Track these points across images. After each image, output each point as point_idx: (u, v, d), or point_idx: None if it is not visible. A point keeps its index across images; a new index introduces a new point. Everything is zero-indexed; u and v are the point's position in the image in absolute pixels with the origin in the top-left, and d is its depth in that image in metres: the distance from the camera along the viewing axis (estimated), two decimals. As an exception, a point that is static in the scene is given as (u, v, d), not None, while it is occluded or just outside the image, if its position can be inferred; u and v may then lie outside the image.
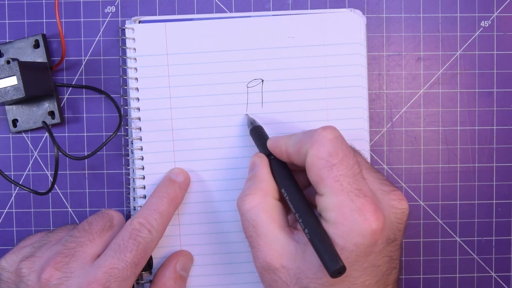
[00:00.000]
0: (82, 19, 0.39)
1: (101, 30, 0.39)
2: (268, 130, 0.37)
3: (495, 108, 0.40)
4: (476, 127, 0.40)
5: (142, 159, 0.38)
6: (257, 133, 0.35)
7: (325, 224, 0.29)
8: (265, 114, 0.38)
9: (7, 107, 0.39)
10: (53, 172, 0.37)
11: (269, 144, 0.33)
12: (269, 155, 0.34)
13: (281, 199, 0.32)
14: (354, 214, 0.28)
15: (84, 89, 0.39)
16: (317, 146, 0.29)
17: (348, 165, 0.29)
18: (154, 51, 0.38)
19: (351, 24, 0.38)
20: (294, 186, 0.31)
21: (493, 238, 0.40)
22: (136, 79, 0.38)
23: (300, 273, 0.29)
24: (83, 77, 0.39)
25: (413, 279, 0.40)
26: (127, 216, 0.39)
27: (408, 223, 0.32)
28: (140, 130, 0.38)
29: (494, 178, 0.40)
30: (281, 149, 0.32)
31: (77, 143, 0.39)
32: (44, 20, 0.39)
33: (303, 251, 0.29)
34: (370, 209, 0.28)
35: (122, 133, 0.39)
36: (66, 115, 0.39)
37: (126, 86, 0.38)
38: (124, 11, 0.39)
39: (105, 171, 0.39)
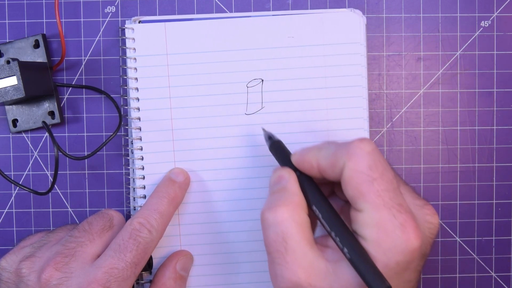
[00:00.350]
0: (82, 19, 0.39)
1: (101, 30, 0.39)
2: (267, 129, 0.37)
3: (495, 108, 0.40)
4: (476, 127, 0.40)
5: (142, 159, 0.38)
6: (279, 148, 0.34)
7: (363, 242, 0.27)
8: (265, 114, 0.38)
9: (7, 107, 0.39)
10: (53, 172, 0.37)
11: (294, 159, 0.31)
12: (294, 170, 0.32)
13: (310, 215, 0.30)
14: (396, 231, 0.26)
15: (84, 89, 0.39)
16: (355, 159, 0.27)
17: (388, 179, 0.27)
18: (154, 51, 0.38)
19: (351, 24, 0.38)
20: (326, 202, 0.30)
21: (493, 238, 0.40)
22: (136, 79, 0.38)
23: None
24: (83, 77, 0.39)
25: (413, 279, 0.40)
26: (127, 216, 0.39)
27: None
28: (140, 130, 0.38)
29: (494, 178, 0.40)
30: (311, 163, 0.30)
31: (77, 143, 0.39)
32: (44, 20, 0.39)
33: (334, 270, 0.28)
34: (412, 225, 0.27)
35: (122, 133, 0.39)
36: (66, 115, 0.39)
37: (126, 86, 0.38)
38: (124, 11, 0.39)
39: (105, 171, 0.39)
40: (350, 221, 0.29)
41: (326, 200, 0.30)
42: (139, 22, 0.38)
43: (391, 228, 0.26)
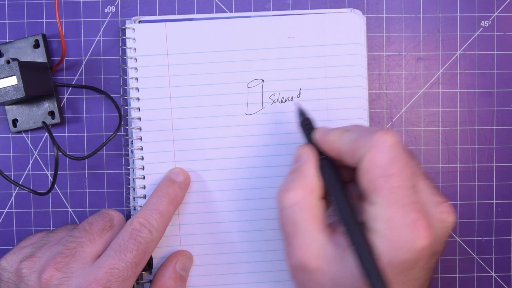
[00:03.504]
0: (82, 19, 0.39)
1: (101, 30, 0.39)
2: (268, 130, 0.37)
3: (495, 108, 0.40)
4: (476, 127, 0.40)
5: (142, 159, 0.38)
6: (307, 126, 0.33)
7: (372, 234, 0.27)
8: (265, 114, 0.38)
9: (7, 107, 0.39)
10: (53, 172, 0.37)
11: (317, 137, 0.31)
12: (320, 153, 0.31)
13: (325, 197, 0.31)
14: (406, 229, 0.26)
15: (84, 89, 0.39)
16: (375, 151, 0.27)
17: (405, 177, 0.27)
18: (154, 51, 0.38)
19: (351, 24, 0.38)
20: (342, 192, 0.29)
21: (493, 238, 0.40)
22: (136, 79, 0.38)
23: (337, 279, 0.28)
24: (83, 77, 0.39)
25: (413, 279, 0.40)
26: (127, 216, 0.39)
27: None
28: (140, 130, 0.38)
29: (494, 178, 0.40)
30: (331, 145, 0.30)
31: (77, 143, 0.39)
32: (44, 20, 0.39)
33: (342, 256, 0.28)
34: (423, 225, 0.26)
35: (122, 133, 0.39)
36: (66, 115, 0.39)
37: (126, 86, 0.38)
38: (124, 11, 0.39)
39: (105, 171, 0.39)
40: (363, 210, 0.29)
41: (342, 189, 0.29)
42: (139, 22, 0.38)
43: (401, 226, 0.26)
